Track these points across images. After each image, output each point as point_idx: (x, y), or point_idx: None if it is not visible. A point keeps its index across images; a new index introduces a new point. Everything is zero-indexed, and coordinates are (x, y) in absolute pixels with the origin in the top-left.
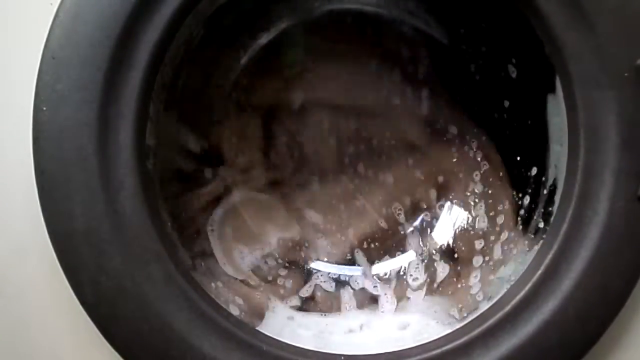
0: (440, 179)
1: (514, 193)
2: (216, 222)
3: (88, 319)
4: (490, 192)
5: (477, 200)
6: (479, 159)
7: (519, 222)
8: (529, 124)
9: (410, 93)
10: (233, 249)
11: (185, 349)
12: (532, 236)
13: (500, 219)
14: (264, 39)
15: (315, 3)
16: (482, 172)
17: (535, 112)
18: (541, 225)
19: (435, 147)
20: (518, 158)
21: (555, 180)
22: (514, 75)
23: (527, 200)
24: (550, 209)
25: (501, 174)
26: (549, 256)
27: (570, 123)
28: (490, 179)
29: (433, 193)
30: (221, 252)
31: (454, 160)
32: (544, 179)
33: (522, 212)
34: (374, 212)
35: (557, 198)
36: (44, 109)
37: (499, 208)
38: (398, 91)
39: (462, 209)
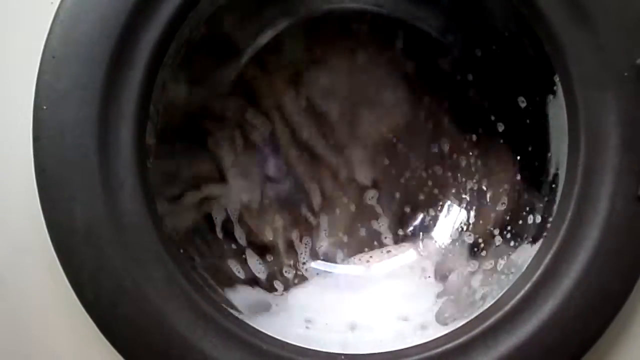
0: (439, 179)
1: (514, 193)
2: None
3: (88, 319)
4: (489, 191)
5: (476, 200)
6: (478, 160)
7: (519, 222)
8: (528, 124)
9: (409, 94)
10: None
11: (185, 349)
12: (532, 236)
13: (499, 219)
14: (264, 39)
15: (315, 3)
16: (481, 172)
17: (535, 112)
18: (541, 225)
19: (433, 147)
20: (518, 157)
21: (555, 179)
22: (523, 105)
23: (527, 200)
24: (550, 208)
25: (500, 173)
26: (549, 256)
27: (570, 123)
28: (489, 179)
29: (433, 193)
30: None
31: (453, 159)
32: (543, 178)
33: (522, 212)
34: (374, 212)
35: (557, 198)
36: (44, 108)
37: (497, 208)
38: (397, 92)
39: (462, 208)
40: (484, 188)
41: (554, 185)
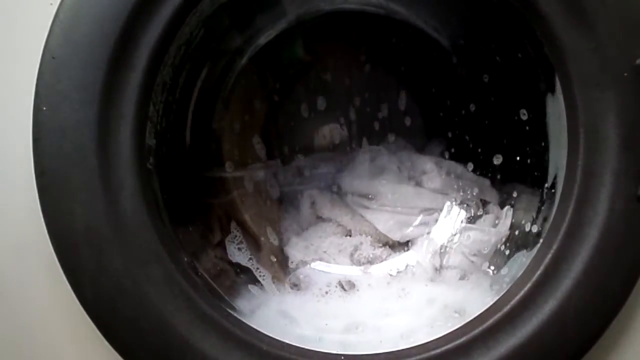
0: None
1: (514, 193)
2: None
3: (88, 319)
4: (489, 192)
5: (476, 200)
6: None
7: (519, 222)
8: (527, 127)
9: (406, 93)
10: None
11: (185, 349)
12: (532, 236)
13: (498, 220)
14: (263, 39)
15: (315, 3)
16: (480, 172)
17: (535, 113)
18: (541, 225)
19: (433, 147)
20: (518, 158)
21: (555, 180)
22: (524, 118)
23: (527, 201)
24: (550, 209)
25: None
26: (549, 256)
27: (570, 123)
28: (490, 180)
29: (432, 194)
30: None
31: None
32: (543, 179)
33: (523, 213)
34: (374, 213)
35: (557, 198)
36: (44, 109)
37: (497, 209)
38: (394, 92)
39: (462, 209)
40: (483, 189)
41: (553, 190)
